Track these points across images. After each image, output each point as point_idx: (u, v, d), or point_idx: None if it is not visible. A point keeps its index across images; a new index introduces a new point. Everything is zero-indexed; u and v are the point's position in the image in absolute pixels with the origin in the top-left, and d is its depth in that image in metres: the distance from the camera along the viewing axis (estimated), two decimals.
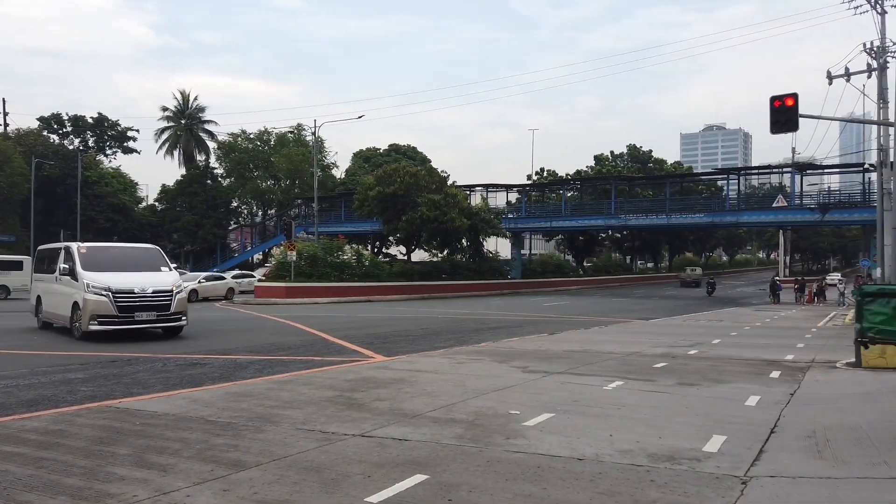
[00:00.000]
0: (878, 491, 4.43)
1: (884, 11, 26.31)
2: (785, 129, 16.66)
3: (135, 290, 13.78)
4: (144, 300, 13.89)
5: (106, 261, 14.53)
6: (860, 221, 42.95)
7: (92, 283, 13.64)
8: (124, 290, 13.68)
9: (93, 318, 13.45)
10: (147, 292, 13.88)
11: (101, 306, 13.52)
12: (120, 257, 15.20)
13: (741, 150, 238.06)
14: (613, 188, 52.63)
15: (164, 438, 5.78)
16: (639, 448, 5.48)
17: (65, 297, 14.35)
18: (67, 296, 14.22)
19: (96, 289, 13.53)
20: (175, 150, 64.62)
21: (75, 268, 14.09)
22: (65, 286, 14.45)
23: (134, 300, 13.79)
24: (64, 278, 14.43)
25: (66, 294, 14.29)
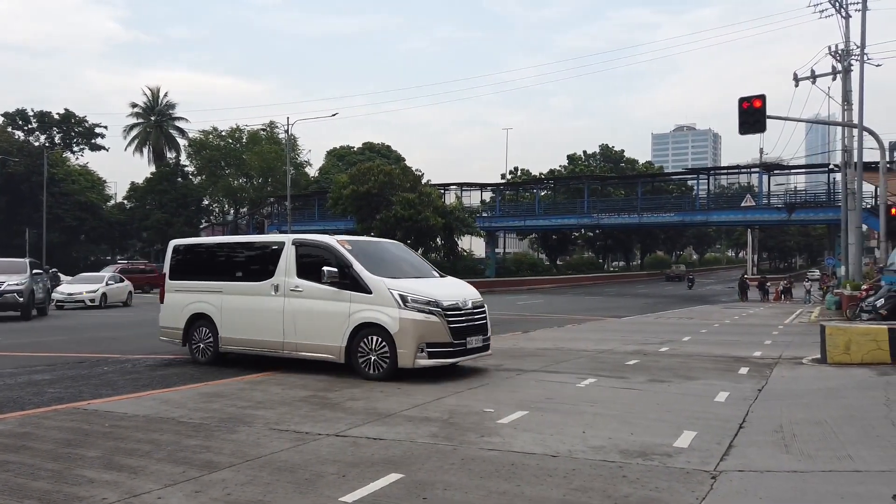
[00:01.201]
0: (842, 484, 4.54)
1: (848, 15, 26.97)
2: (753, 129, 16.99)
3: (459, 304, 9.38)
4: (471, 319, 9.56)
5: (382, 263, 9.86)
6: (825, 221, 44.00)
7: (411, 294, 8.94)
8: (451, 305, 9.19)
9: (421, 347, 8.80)
10: (468, 307, 9.56)
11: (432, 330, 8.86)
12: (390, 258, 10.49)
13: (711, 150, 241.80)
14: (586, 188, 53.13)
15: (135, 440, 5.69)
16: (611, 444, 5.55)
17: (326, 318, 9.22)
18: (331, 315, 9.15)
19: (419, 304, 8.88)
20: (144, 148, 63.56)
21: (355, 272, 9.12)
22: (320, 301, 9.31)
23: (463, 319, 9.34)
24: (323, 289, 9.24)
25: (329, 313, 9.19)
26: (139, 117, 63.20)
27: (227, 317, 10.14)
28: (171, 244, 11.55)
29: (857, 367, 9.42)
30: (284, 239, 10.05)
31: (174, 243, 11.56)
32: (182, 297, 10.74)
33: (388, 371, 8.69)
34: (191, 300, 10.59)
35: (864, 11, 25.56)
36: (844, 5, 27.02)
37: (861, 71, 24.58)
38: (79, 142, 61.96)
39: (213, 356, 10.34)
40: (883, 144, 22.44)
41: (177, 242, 11.64)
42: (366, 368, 8.81)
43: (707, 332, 16.77)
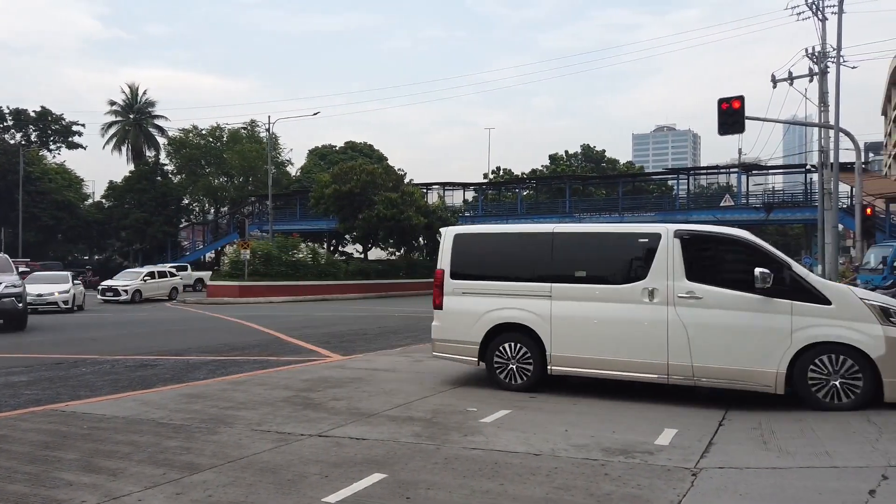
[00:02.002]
0: (820, 479, 4.61)
1: (824, 18, 27.38)
2: (732, 130, 17.19)
3: None
4: None
5: None
6: (802, 220, 44.61)
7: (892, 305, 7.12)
8: None
9: None
10: None
11: None
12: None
13: (690, 150, 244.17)
14: (568, 187, 53.42)
15: (114, 442, 5.62)
16: (594, 442, 5.59)
17: (749, 336, 7.15)
18: (759, 332, 7.11)
19: None
20: (123, 146, 62.70)
21: (797, 275, 7.21)
22: (737, 312, 7.19)
23: None
24: (742, 297, 7.18)
25: (754, 330, 7.14)
26: (118, 115, 62.34)
27: (563, 329, 7.79)
28: (451, 233, 8.72)
29: None
30: (660, 230, 7.78)
31: (455, 232, 8.77)
32: (475, 301, 8.23)
33: (858, 401, 6.68)
34: (492, 306, 8.12)
35: (839, 14, 25.97)
36: (821, 8, 27.43)
37: (837, 73, 24.98)
38: (56, 140, 61.04)
39: (532, 379, 7.87)
40: (858, 145, 22.81)
41: (460, 231, 8.94)
42: (826, 398, 6.79)
43: None
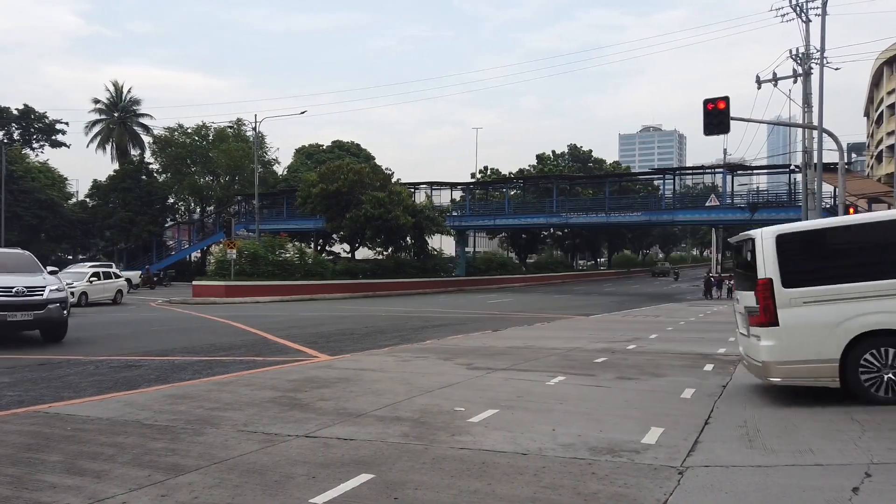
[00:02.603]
0: (804, 477, 4.66)
1: (808, 20, 27.65)
2: (717, 130, 17.32)
3: None
4: None
5: None
6: (786, 220, 44.92)
7: None
8: None
9: None
10: None
11: None
12: None
13: (676, 150, 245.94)
14: (555, 187, 53.59)
15: (98, 444, 5.57)
16: (581, 442, 5.61)
17: None
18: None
19: None
20: (107, 145, 62.16)
21: None
22: None
23: None
24: None
25: None
26: (102, 113, 61.77)
27: None
28: (769, 235, 7.11)
29: None
30: None
31: (777, 232, 7.16)
32: (826, 311, 6.83)
33: None
34: (854, 312, 6.74)
35: (823, 17, 26.25)
36: (805, 10, 27.72)
37: (821, 74, 25.27)
38: (38, 138, 60.36)
39: None
40: (841, 146, 23.06)
41: (783, 230, 7.25)
42: None
43: (673, 330, 17.05)
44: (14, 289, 12.75)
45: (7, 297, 12.62)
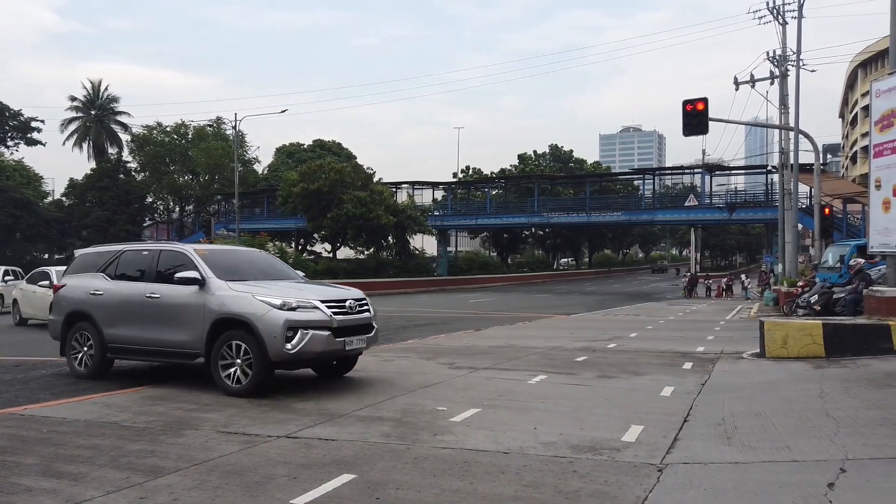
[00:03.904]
0: (781, 473, 4.73)
1: (785, 22, 28.03)
2: (696, 131, 17.51)
3: None
4: None
5: None
6: (763, 220, 45.61)
7: None
8: None
9: None
10: None
11: None
12: None
13: (656, 150, 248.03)
14: (537, 187, 53.82)
15: (75, 446, 5.49)
16: (562, 440, 5.64)
17: None
18: None
19: None
20: (84, 143, 61.26)
21: None
22: None
23: None
24: None
25: None
26: (78, 111, 60.84)
27: None
28: None
29: (794, 361, 9.80)
30: None
31: None
32: None
33: None
34: None
35: (799, 19, 26.65)
36: (782, 13, 28.09)
37: (797, 76, 25.63)
38: (13, 136, 59.19)
39: None
40: (817, 147, 23.43)
41: None
42: None
43: (653, 329, 17.19)
44: (346, 302, 8.08)
45: (343, 313, 7.89)
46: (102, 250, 9.58)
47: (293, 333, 7.28)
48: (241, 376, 7.45)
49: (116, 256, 9.01)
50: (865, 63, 60.21)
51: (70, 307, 9.08)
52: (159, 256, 8.60)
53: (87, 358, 8.87)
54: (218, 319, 7.62)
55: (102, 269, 9.00)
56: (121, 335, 8.50)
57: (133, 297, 8.42)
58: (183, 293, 7.96)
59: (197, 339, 7.75)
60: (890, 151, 11.26)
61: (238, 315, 7.52)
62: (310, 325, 7.41)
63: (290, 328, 7.27)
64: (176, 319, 7.99)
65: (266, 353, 7.31)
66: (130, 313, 8.41)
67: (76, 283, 9.21)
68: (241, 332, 7.48)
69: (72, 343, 9.05)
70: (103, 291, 8.74)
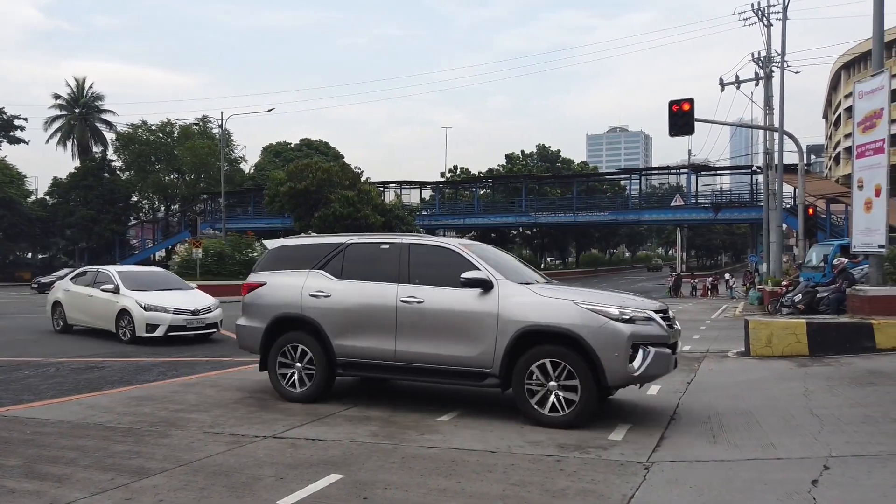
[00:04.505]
0: (765, 471, 4.77)
1: (769, 24, 28.30)
2: (682, 132, 17.61)
3: None
4: None
5: None
6: (748, 220, 46.04)
7: None
8: None
9: None
10: None
11: None
12: None
13: (642, 151, 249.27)
14: (524, 187, 53.95)
15: (59, 447, 5.43)
16: (549, 439, 5.65)
17: None
18: None
19: None
20: (68, 141, 60.67)
21: None
22: None
23: None
24: None
25: None
26: (62, 109, 60.26)
27: None
28: None
29: (779, 360, 9.89)
30: None
31: None
32: None
33: None
34: None
35: (784, 21, 26.90)
36: (766, 14, 28.36)
37: (781, 77, 25.87)
38: None
39: None
40: (801, 148, 23.65)
41: None
42: None
43: None
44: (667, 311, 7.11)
45: (669, 325, 6.69)
46: (313, 242, 7.87)
47: (634, 351, 5.99)
48: (558, 403, 6.05)
49: (340, 250, 7.36)
50: (849, 65, 60.85)
51: (279, 311, 7.31)
52: (409, 251, 6.98)
53: (304, 375, 7.15)
54: (523, 332, 6.16)
55: (320, 266, 7.33)
56: (359, 348, 6.89)
57: (379, 301, 6.82)
58: (459, 298, 6.50)
59: (486, 356, 6.30)
60: (872, 152, 11.38)
61: (556, 327, 6.08)
62: (649, 340, 6.09)
63: (632, 345, 5.98)
64: (451, 330, 6.49)
65: (602, 375, 5.93)
66: (376, 321, 6.81)
67: (284, 282, 7.42)
68: (560, 348, 6.08)
69: (279, 357, 7.31)
70: (330, 293, 7.07)
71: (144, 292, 13.51)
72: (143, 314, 12.94)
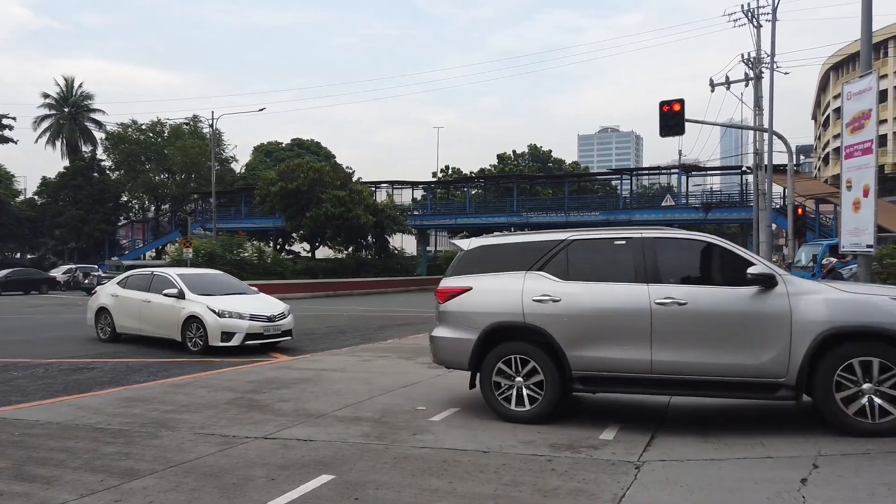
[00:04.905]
0: (755, 470, 4.80)
1: (759, 25, 28.46)
2: (673, 132, 17.68)
3: None
4: None
5: None
6: (738, 220, 46.29)
7: None
8: None
9: None
10: None
11: None
12: None
13: (633, 151, 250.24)
14: (516, 186, 53.99)
15: (48, 449, 5.40)
16: (541, 438, 5.67)
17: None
18: None
19: None
20: (57, 141, 60.33)
21: None
22: None
23: None
24: None
25: None
26: (51, 108, 59.91)
27: None
28: None
29: None
30: None
31: None
32: None
33: None
34: None
35: (773, 22, 27.06)
36: (756, 16, 28.52)
37: (771, 78, 26.02)
38: None
39: None
40: (791, 148, 23.79)
41: None
42: None
43: None
44: None
45: None
46: (521, 241, 6.89)
47: None
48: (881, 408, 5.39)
49: (560, 248, 6.48)
50: (837, 66, 61.31)
51: (494, 320, 6.39)
52: (654, 247, 6.20)
53: (531, 392, 6.25)
54: (830, 333, 5.52)
55: (538, 266, 6.46)
56: (603, 359, 6.06)
57: (627, 305, 6.03)
58: (734, 297, 5.82)
59: (777, 363, 5.66)
60: (861, 153, 11.46)
61: (879, 327, 5.48)
62: None
63: None
64: (727, 335, 5.79)
65: None
66: (624, 328, 6.02)
67: (497, 286, 6.53)
68: (875, 345, 5.48)
69: (494, 373, 6.41)
70: (559, 297, 6.22)
71: (211, 297, 12.36)
72: (218, 321, 11.73)
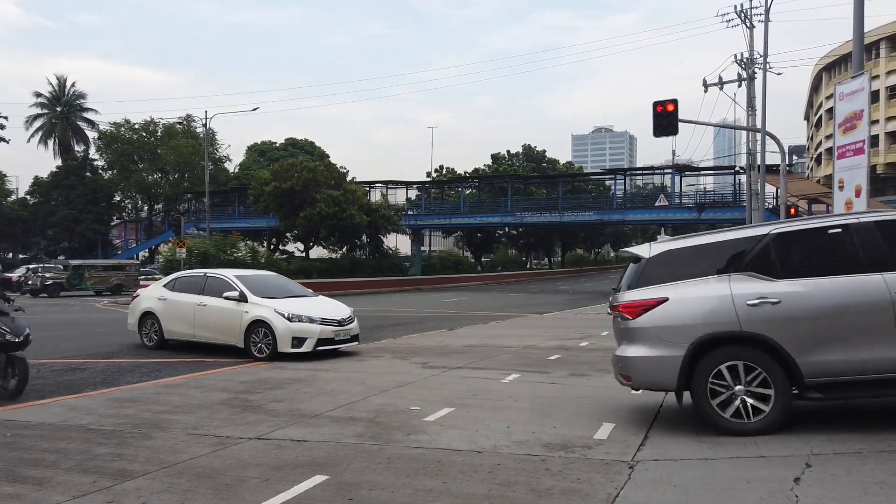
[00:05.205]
0: (749, 469, 4.81)
1: (752, 26, 28.59)
2: (666, 132, 17.73)
3: None
4: None
5: None
6: (731, 220, 46.40)
7: None
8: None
9: None
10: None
11: None
12: None
13: (627, 151, 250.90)
14: (510, 186, 54.05)
15: (39, 450, 5.37)
16: (535, 438, 5.67)
17: None
18: None
19: None
20: (50, 140, 60.00)
21: None
22: None
23: None
24: None
25: None
26: (43, 108, 59.56)
27: None
28: None
29: None
30: None
31: None
32: None
33: None
34: None
35: (766, 23, 27.20)
36: (749, 17, 28.65)
37: (764, 78, 26.20)
38: None
39: None
40: (783, 148, 23.90)
41: None
42: None
43: None
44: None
45: None
46: (712, 240, 6.20)
47: None
48: None
49: (761, 244, 5.87)
50: (830, 66, 61.59)
51: (704, 331, 5.74)
52: (881, 231, 5.64)
53: (751, 403, 5.68)
54: None
55: (739, 267, 5.87)
56: (843, 362, 5.53)
57: (863, 299, 5.50)
58: None
59: None
60: (853, 153, 11.53)
61: None
62: None
63: None
64: None
65: None
66: (862, 325, 5.49)
67: (700, 294, 5.86)
68: None
69: (707, 387, 5.76)
70: (778, 298, 5.60)
71: (275, 300, 11.60)
72: (289, 326, 10.94)
